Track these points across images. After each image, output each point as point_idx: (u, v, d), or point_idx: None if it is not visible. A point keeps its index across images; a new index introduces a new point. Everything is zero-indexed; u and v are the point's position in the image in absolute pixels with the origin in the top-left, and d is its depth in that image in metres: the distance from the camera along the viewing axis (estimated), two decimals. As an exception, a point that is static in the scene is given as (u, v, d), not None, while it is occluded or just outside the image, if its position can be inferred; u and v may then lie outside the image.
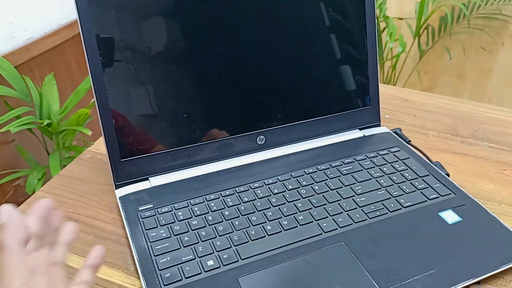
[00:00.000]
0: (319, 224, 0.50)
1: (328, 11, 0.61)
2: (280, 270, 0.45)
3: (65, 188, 0.58)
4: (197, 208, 0.52)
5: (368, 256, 0.46)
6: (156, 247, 0.47)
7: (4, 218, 0.35)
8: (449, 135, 0.70)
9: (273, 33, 0.58)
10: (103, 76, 0.51)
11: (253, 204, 0.52)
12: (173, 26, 0.53)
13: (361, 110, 0.66)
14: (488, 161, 0.64)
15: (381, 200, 0.54)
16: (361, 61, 0.64)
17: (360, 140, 0.65)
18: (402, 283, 0.43)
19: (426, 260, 0.46)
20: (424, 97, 0.81)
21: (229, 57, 0.56)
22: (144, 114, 0.54)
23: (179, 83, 0.55)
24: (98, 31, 0.50)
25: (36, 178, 1.18)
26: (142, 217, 0.50)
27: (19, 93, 1.15)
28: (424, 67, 2.05)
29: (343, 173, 0.58)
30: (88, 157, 0.64)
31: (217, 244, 0.47)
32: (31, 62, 1.33)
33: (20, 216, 0.36)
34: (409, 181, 0.57)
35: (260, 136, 0.60)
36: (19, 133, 1.24)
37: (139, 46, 0.52)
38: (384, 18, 1.76)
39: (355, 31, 0.63)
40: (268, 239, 0.48)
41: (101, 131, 0.52)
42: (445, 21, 1.86)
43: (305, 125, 0.63)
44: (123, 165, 0.54)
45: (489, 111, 0.76)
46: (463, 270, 0.45)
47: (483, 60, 1.95)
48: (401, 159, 0.61)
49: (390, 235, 0.49)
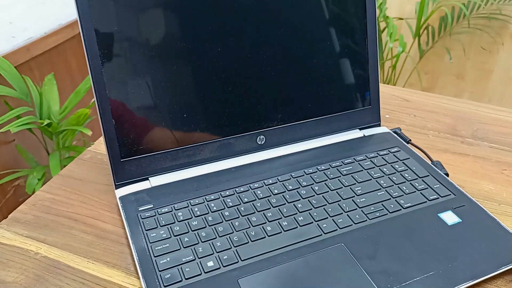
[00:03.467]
0: (319, 225, 0.50)
1: (329, 11, 0.61)
2: (280, 271, 0.45)
3: (65, 188, 0.59)
4: (197, 208, 0.52)
5: (368, 258, 0.46)
6: (156, 247, 0.47)
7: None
8: (449, 135, 0.70)
9: (273, 33, 0.58)
10: (103, 76, 0.51)
11: (253, 205, 0.52)
12: (174, 26, 0.53)
13: (362, 110, 0.66)
14: (488, 161, 0.64)
15: (381, 201, 0.54)
16: (361, 61, 0.64)
17: (360, 140, 0.65)
18: (402, 284, 0.43)
19: (425, 261, 0.46)
20: (424, 97, 0.81)
21: (229, 57, 0.56)
22: (144, 114, 0.54)
23: (179, 83, 0.55)
24: (98, 30, 0.50)
25: (36, 178, 1.18)
26: (142, 218, 0.50)
27: (19, 93, 1.15)
28: (424, 67, 2.05)
29: (343, 174, 0.58)
30: (88, 157, 0.64)
31: (217, 245, 0.47)
32: (31, 62, 1.33)
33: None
34: (409, 182, 0.57)
35: (260, 136, 0.60)
36: (19, 133, 1.24)
37: (139, 45, 0.52)
38: (384, 18, 1.77)
39: (356, 31, 0.63)
40: (268, 240, 0.48)
41: (101, 131, 0.52)
42: (445, 21, 1.86)
43: (305, 125, 0.63)
44: (123, 165, 0.54)
45: (489, 111, 0.76)
46: (462, 271, 0.45)
47: (483, 60, 1.95)
48: (401, 159, 0.61)
49: (390, 236, 0.49)
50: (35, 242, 0.50)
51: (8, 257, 0.49)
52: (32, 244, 0.50)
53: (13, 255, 0.49)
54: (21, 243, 0.50)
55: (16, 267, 0.47)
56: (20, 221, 0.53)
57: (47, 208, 0.55)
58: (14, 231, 0.52)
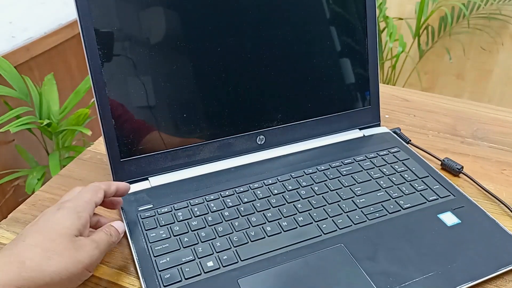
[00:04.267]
0: (319, 225, 0.50)
1: (330, 10, 0.61)
2: (279, 271, 0.45)
3: (64, 188, 0.58)
4: (196, 208, 0.52)
5: (367, 258, 0.46)
6: (156, 247, 0.47)
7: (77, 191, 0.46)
8: (449, 135, 0.70)
9: (273, 33, 0.58)
10: (103, 76, 0.51)
11: (253, 205, 0.52)
12: (173, 25, 0.53)
13: (361, 110, 0.66)
14: (488, 161, 0.64)
15: (380, 202, 0.54)
16: (361, 60, 0.64)
17: (360, 140, 0.65)
18: (401, 285, 0.43)
19: (425, 262, 0.46)
20: (424, 97, 0.81)
21: (229, 57, 0.56)
22: (144, 114, 0.54)
23: (178, 83, 0.55)
24: (98, 30, 0.50)
25: (35, 178, 1.18)
26: (141, 218, 0.50)
27: (19, 93, 1.15)
28: (424, 67, 2.05)
29: (343, 174, 0.58)
30: (88, 157, 0.64)
31: (216, 245, 0.47)
32: (31, 62, 1.33)
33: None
34: (408, 182, 0.57)
35: (260, 136, 0.60)
36: (19, 133, 1.24)
37: (139, 45, 0.52)
38: (384, 18, 1.77)
39: (356, 31, 0.63)
40: (267, 240, 0.48)
41: (101, 131, 0.52)
42: (445, 21, 1.86)
43: (305, 125, 0.63)
44: (123, 165, 0.54)
45: (489, 111, 0.76)
46: (462, 272, 0.45)
47: (483, 60, 1.95)
48: (401, 160, 0.61)
49: (389, 237, 0.49)
50: (35, 242, 0.50)
51: (8, 257, 0.48)
52: (31, 244, 0.50)
53: (12, 255, 0.49)
54: (21, 243, 0.50)
55: (16, 267, 0.47)
56: (20, 221, 0.53)
57: (47, 208, 0.55)
58: (13, 231, 0.52)
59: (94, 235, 0.42)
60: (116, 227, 0.45)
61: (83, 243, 0.40)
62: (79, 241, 0.40)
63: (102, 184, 0.46)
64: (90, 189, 0.45)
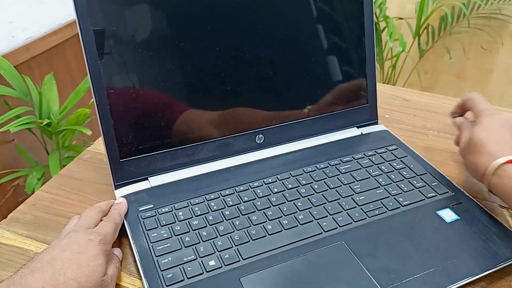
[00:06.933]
0: (319, 223, 0.50)
1: (327, 9, 0.61)
2: (281, 269, 0.45)
3: (64, 188, 0.59)
4: (197, 208, 0.52)
5: (368, 255, 0.46)
6: (157, 247, 0.47)
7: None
8: (449, 135, 0.70)
9: (271, 31, 0.58)
10: (102, 76, 0.51)
11: (253, 204, 0.52)
12: (172, 25, 0.53)
13: (359, 108, 0.66)
14: (487, 160, 0.64)
15: (379, 199, 0.54)
16: (359, 59, 0.64)
17: (358, 138, 0.65)
18: (402, 281, 0.44)
19: (425, 258, 0.46)
20: (424, 97, 0.81)
21: (228, 56, 0.56)
22: (143, 114, 0.54)
23: (177, 83, 0.55)
24: (97, 30, 0.50)
25: (35, 177, 1.18)
26: (142, 218, 0.50)
27: (18, 92, 1.15)
28: (424, 67, 2.05)
29: (342, 172, 0.58)
30: (88, 157, 0.64)
31: (218, 244, 0.47)
32: (31, 62, 1.33)
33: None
34: (407, 180, 0.57)
35: (259, 135, 0.61)
36: (19, 133, 1.24)
37: (138, 45, 0.52)
38: (384, 18, 1.77)
39: (353, 29, 0.63)
40: (268, 239, 0.48)
41: (100, 131, 0.52)
42: (445, 21, 1.86)
43: (303, 123, 0.63)
44: (123, 165, 0.54)
45: (489, 110, 0.76)
46: (461, 268, 0.45)
47: (483, 60, 1.95)
48: (399, 157, 0.61)
49: (389, 234, 0.49)
50: (35, 242, 0.50)
51: (8, 257, 0.49)
52: (31, 244, 0.50)
53: (12, 255, 0.49)
54: (21, 243, 0.50)
55: (16, 267, 0.47)
56: (20, 221, 0.53)
57: (47, 208, 0.55)
58: (13, 231, 0.52)
59: (109, 271, 0.43)
60: (118, 256, 0.48)
61: (107, 283, 0.42)
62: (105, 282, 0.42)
63: (102, 205, 0.50)
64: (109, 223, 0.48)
